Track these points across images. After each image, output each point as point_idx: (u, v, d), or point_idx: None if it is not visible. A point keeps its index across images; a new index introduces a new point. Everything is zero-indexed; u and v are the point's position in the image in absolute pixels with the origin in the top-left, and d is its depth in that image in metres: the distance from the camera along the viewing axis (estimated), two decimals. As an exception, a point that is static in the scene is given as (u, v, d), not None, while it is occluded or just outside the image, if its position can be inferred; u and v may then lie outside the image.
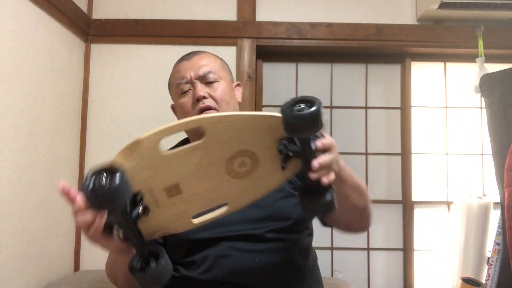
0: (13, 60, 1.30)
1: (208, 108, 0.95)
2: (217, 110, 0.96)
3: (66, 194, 0.62)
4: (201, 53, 1.02)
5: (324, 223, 0.95)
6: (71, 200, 0.62)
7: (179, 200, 0.70)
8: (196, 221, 0.72)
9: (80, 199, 0.61)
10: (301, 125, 0.62)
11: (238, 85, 1.08)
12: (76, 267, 1.73)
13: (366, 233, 1.93)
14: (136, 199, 0.67)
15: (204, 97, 0.96)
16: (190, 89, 0.98)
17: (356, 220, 0.93)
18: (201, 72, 0.97)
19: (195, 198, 0.71)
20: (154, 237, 0.71)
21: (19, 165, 1.33)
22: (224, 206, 0.72)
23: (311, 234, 1.00)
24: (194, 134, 0.98)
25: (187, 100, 0.98)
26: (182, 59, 1.02)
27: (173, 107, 1.08)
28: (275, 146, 0.71)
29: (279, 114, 0.66)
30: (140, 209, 0.67)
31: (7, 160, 1.27)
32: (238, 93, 1.08)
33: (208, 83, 0.98)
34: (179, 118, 1.04)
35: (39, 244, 1.45)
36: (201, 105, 0.95)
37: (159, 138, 0.65)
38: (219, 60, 1.04)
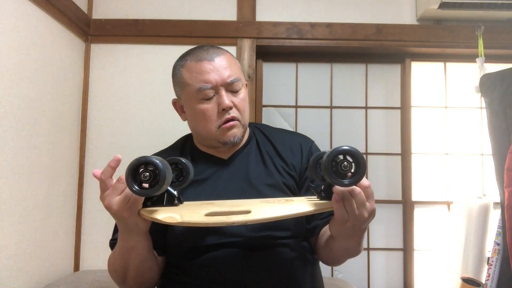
0: (13, 60, 1.30)
1: (233, 119, 0.93)
2: (239, 121, 0.95)
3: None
4: (221, 54, 0.96)
5: (310, 242, 0.99)
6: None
7: (208, 205, 0.77)
8: (208, 218, 0.71)
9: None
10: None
11: (246, 85, 1.05)
12: (76, 267, 1.73)
13: (366, 233, 1.92)
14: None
15: (230, 108, 0.93)
16: (214, 95, 0.93)
17: (335, 261, 0.98)
18: (229, 80, 0.93)
19: (221, 205, 0.76)
20: (159, 216, 0.72)
21: (19, 165, 1.33)
22: (243, 215, 0.70)
23: (309, 240, 0.99)
24: (215, 142, 0.98)
25: (210, 107, 0.93)
26: (202, 58, 0.93)
27: (174, 103, 1.02)
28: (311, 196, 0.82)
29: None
30: (176, 199, 0.77)
31: (7, 160, 1.27)
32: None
33: (234, 91, 0.94)
34: (191, 120, 0.99)
35: (39, 244, 1.45)
36: (226, 115, 0.93)
37: None
38: (237, 62, 1.00)
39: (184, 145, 1.06)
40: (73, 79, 1.72)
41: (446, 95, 1.98)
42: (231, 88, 0.94)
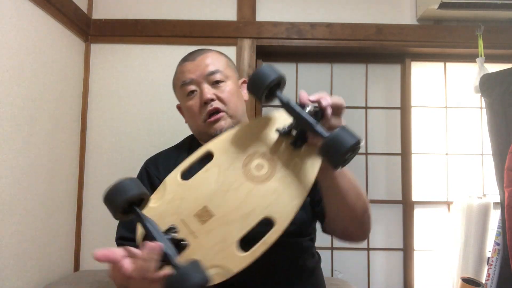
0: (13, 60, 1.30)
1: (217, 111, 0.93)
2: (226, 112, 0.94)
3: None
4: (205, 53, 0.98)
5: (324, 228, 0.93)
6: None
7: (213, 224, 0.68)
8: (246, 254, 0.65)
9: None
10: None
11: (244, 82, 1.05)
12: (76, 267, 1.73)
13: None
14: (171, 232, 0.66)
15: (212, 99, 0.93)
16: (196, 90, 0.95)
17: (353, 224, 0.87)
18: (207, 71, 0.94)
19: (229, 217, 0.68)
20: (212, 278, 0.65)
21: (19, 165, 1.33)
22: (273, 227, 0.66)
23: (313, 240, 0.98)
24: (206, 137, 0.94)
25: (194, 103, 0.95)
26: (186, 59, 0.99)
27: (179, 107, 1.06)
28: (280, 140, 0.73)
29: (267, 116, 0.75)
30: (168, 236, 0.65)
31: (7, 160, 1.27)
32: (245, 91, 1.03)
33: (215, 83, 0.94)
34: (187, 120, 1.01)
35: (39, 244, 1.45)
36: (209, 107, 0.92)
37: (178, 172, 0.73)
38: (224, 58, 1.01)
39: (192, 144, 1.05)
40: (73, 79, 1.72)
41: (446, 95, 1.98)
42: (212, 79, 0.94)
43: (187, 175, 0.74)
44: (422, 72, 1.98)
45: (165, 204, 0.70)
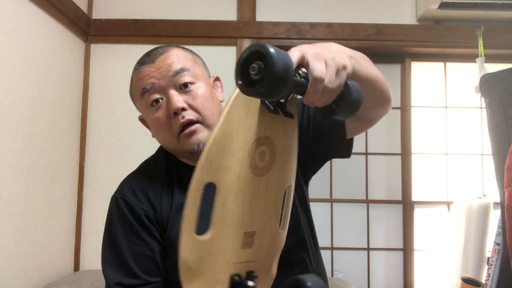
0: (13, 60, 1.30)
1: (190, 123, 0.75)
2: (201, 123, 0.76)
3: None
4: (166, 51, 0.79)
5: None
6: None
7: (259, 236, 0.65)
8: (282, 229, 0.68)
9: None
10: (270, 89, 0.48)
11: (216, 79, 0.87)
12: (76, 267, 1.73)
13: (366, 233, 1.92)
14: (237, 283, 0.62)
15: (183, 109, 0.75)
16: (162, 98, 0.77)
17: (373, 96, 0.70)
18: (172, 70, 0.76)
19: (265, 219, 0.66)
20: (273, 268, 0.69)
21: (19, 165, 1.33)
22: (291, 193, 0.68)
23: (316, 244, 0.94)
24: (183, 153, 0.80)
25: (160, 114, 0.77)
26: (143, 62, 0.81)
27: (142, 119, 0.88)
28: (263, 114, 0.62)
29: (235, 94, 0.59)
30: (251, 284, 0.62)
31: (7, 160, 1.27)
32: (220, 90, 0.87)
33: (184, 86, 0.76)
34: (154, 134, 0.84)
35: (39, 244, 1.45)
36: (181, 120, 0.75)
37: (192, 232, 0.59)
38: (190, 54, 0.83)
39: (168, 160, 0.86)
40: (73, 79, 1.72)
41: (446, 95, 1.98)
42: (178, 83, 0.76)
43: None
44: (422, 72, 1.98)
45: (210, 270, 0.61)
